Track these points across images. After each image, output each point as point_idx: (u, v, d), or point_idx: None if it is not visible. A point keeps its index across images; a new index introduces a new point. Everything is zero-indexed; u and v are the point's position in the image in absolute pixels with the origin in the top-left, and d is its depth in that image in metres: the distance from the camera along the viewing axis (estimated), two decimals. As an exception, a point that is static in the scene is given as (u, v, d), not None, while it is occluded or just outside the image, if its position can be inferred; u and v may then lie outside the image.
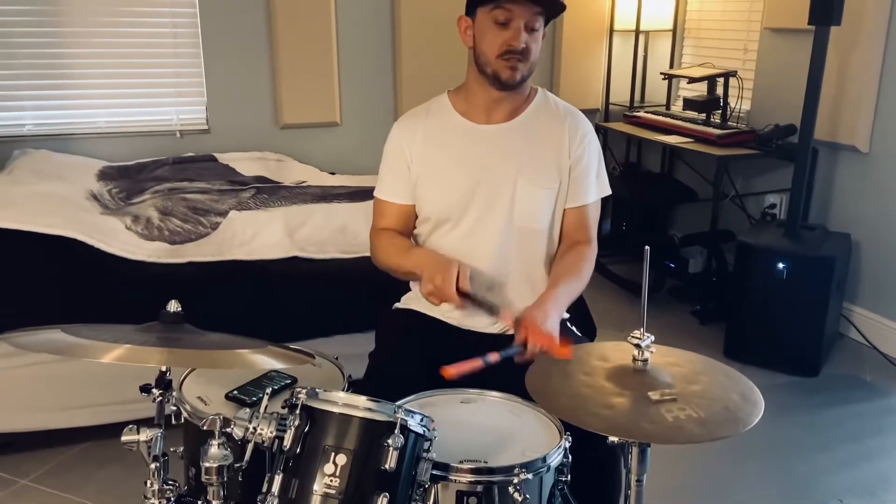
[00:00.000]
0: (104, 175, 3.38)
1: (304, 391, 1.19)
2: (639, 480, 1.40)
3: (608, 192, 1.97)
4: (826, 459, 2.66)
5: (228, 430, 1.18)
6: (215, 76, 3.90)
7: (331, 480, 1.13)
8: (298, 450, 1.17)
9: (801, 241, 3.25)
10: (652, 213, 4.62)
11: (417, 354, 1.84)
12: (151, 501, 1.22)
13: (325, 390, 1.20)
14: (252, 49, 3.92)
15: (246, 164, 3.69)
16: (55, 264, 2.42)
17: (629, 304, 3.94)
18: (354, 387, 1.77)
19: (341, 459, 1.14)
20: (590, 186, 1.91)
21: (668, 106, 4.51)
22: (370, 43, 4.12)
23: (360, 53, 4.10)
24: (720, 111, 3.96)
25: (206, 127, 3.94)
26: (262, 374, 1.78)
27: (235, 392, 1.68)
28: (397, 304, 2.02)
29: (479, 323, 1.89)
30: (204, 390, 1.72)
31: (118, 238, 2.64)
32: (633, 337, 1.35)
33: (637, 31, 4.46)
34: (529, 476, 1.36)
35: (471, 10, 1.79)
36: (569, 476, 1.49)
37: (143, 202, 3.06)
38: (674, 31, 4.44)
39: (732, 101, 3.92)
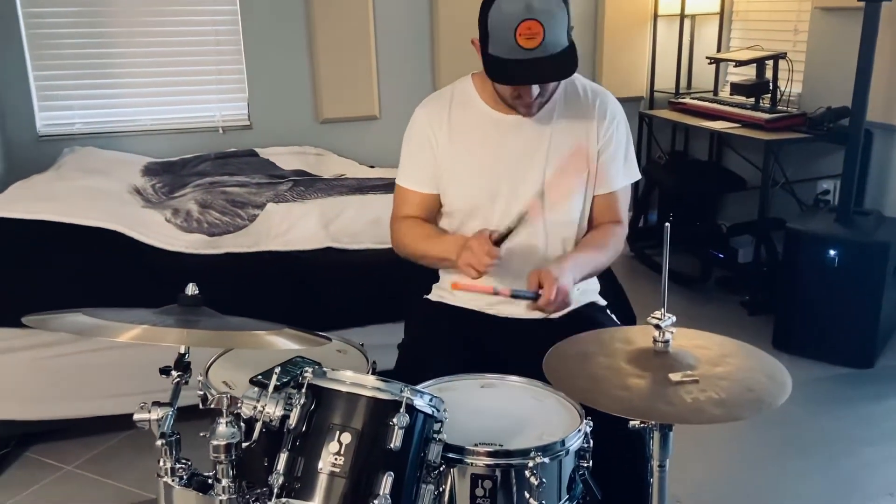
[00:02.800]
0: (148, 171, 3.46)
1: (310, 370, 1.18)
2: (661, 466, 1.35)
3: (637, 176, 1.91)
4: (878, 453, 2.55)
5: (237, 409, 1.18)
6: (256, 73, 3.95)
7: (335, 459, 1.12)
8: (304, 428, 1.16)
9: (853, 226, 3.12)
10: (699, 203, 4.49)
11: (447, 345, 1.82)
12: (164, 479, 1.23)
13: (332, 370, 1.19)
14: (292, 45, 3.96)
15: (286, 158, 3.73)
16: (95, 255, 2.48)
17: (675, 294, 3.82)
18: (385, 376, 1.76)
19: (346, 438, 1.13)
20: (618, 172, 1.86)
21: (715, 92, 4.39)
22: (408, 36, 4.11)
23: (398, 47, 4.10)
24: (769, 95, 3.83)
25: (247, 123, 3.99)
26: (287, 360, 1.78)
27: (259, 377, 1.68)
28: (427, 295, 2.00)
29: (511, 310, 1.86)
30: (230, 375, 1.74)
31: (158, 230, 2.69)
32: (652, 317, 1.30)
33: (682, 16, 4.35)
34: (546, 460, 1.33)
35: (479, 44, 1.67)
36: (590, 462, 1.46)
37: (183, 196, 3.12)
38: (721, 14, 4.32)
39: (782, 85, 3.79)
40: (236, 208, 2.99)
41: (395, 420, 1.13)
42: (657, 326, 1.29)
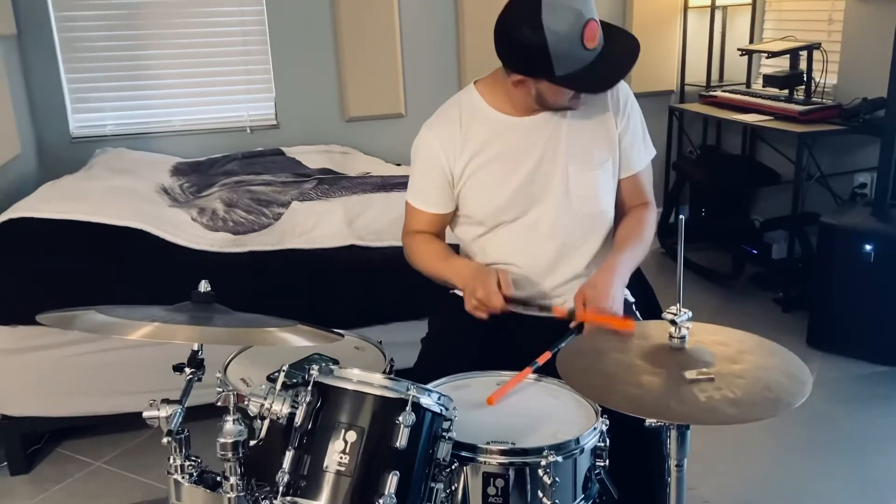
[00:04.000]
0: (177, 171, 3.50)
1: (317, 367, 1.18)
2: (679, 465, 1.32)
3: (654, 151, 1.90)
4: (916, 454, 2.48)
5: (244, 405, 1.18)
6: (283, 73, 3.97)
7: (341, 457, 1.12)
8: (310, 426, 1.15)
9: (890, 220, 3.02)
10: (732, 198, 4.40)
11: (469, 340, 1.81)
12: (174, 476, 1.23)
13: (340, 367, 1.18)
14: (318, 45, 3.97)
15: (312, 156, 3.74)
16: (121, 253, 2.51)
17: (706, 292, 3.77)
18: (405, 374, 1.76)
19: (351, 436, 1.12)
20: (639, 153, 1.84)
21: (748, 84, 4.30)
22: (433, 34, 4.10)
23: (423, 44, 4.09)
24: (804, 86, 3.74)
25: (275, 122, 4.02)
26: (305, 357, 1.78)
27: (276, 374, 1.69)
28: (453, 290, 1.99)
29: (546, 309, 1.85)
30: (248, 372, 1.74)
31: (183, 229, 2.71)
32: (668, 312, 1.27)
33: (713, 7, 4.26)
34: (559, 458, 1.31)
35: (536, 76, 1.63)
36: (607, 461, 1.43)
37: (210, 195, 3.14)
38: (753, 4, 4.22)
39: (817, 76, 3.69)
40: (261, 207, 3.00)
41: (400, 419, 1.12)
42: (673, 322, 1.26)
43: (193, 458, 1.26)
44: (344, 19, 3.93)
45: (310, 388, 1.17)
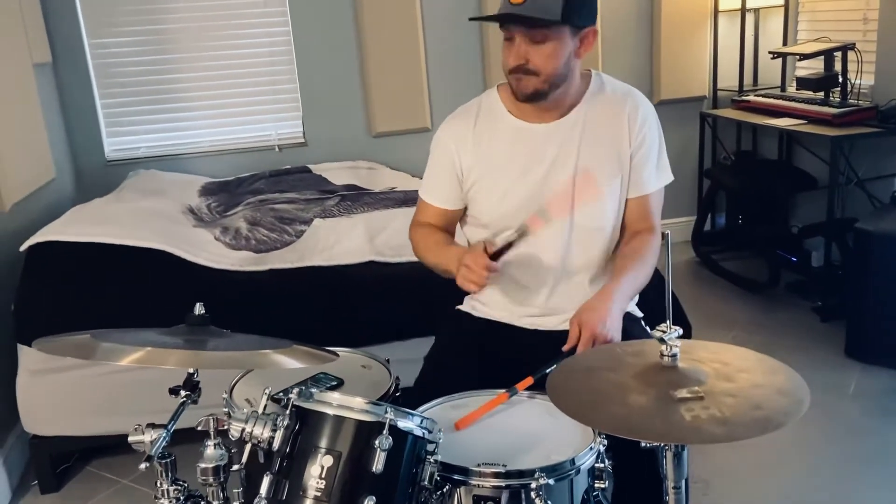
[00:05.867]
0: (205, 190, 3.56)
1: (296, 391, 1.17)
2: (676, 487, 1.27)
3: (670, 178, 1.84)
4: (959, 470, 2.36)
5: (225, 429, 1.18)
6: (310, 92, 4.01)
7: (318, 482, 1.10)
8: (288, 450, 1.15)
9: (930, 225, 2.90)
10: (769, 204, 4.29)
11: (471, 356, 1.79)
12: (161, 501, 1.24)
13: (320, 391, 1.18)
14: (343, 63, 4.01)
15: (337, 173, 3.77)
16: (143, 275, 2.56)
17: (742, 302, 3.67)
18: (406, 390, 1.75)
19: (328, 461, 1.11)
20: (650, 175, 1.79)
21: (783, 87, 4.19)
22: (458, 48, 4.10)
23: (448, 59, 4.10)
24: (839, 88, 3.62)
25: (302, 140, 4.06)
26: (310, 377, 1.78)
27: (280, 394, 1.69)
28: (459, 306, 1.98)
29: (541, 321, 1.82)
30: (253, 393, 1.75)
31: (206, 248, 2.75)
32: (657, 330, 1.24)
33: (743, 10, 4.17)
34: (551, 481, 1.28)
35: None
36: (606, 482, 1.39)
37: (235, 214, 3.19)
38: (786, 6, 4.12)
39: (852, 77, 3.57)
40: (284, 225, 3.03)
41: (377, 443, 1.11)
42: (661, 340, 1.22)
43: (180, 482, 1.27)
44: (368, 36, 3.96)
45: (288, 412, 1.16)
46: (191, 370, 1.43)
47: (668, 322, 1.23)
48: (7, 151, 2.80)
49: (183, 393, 1.40)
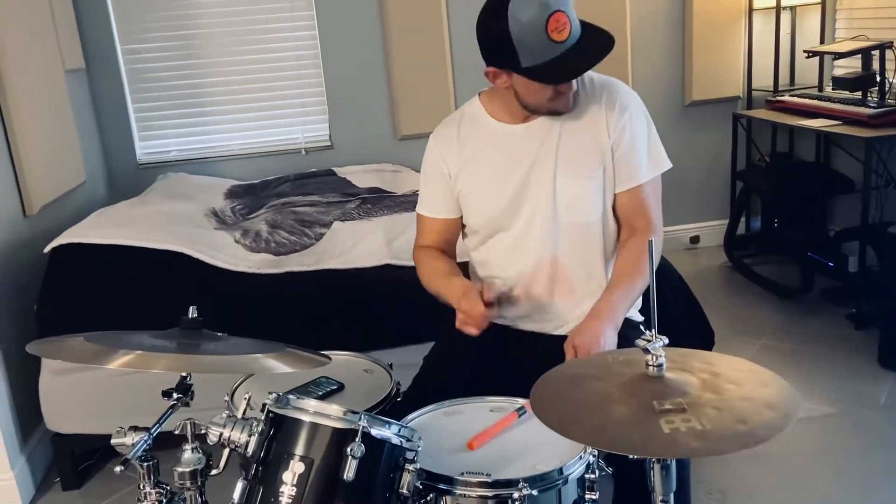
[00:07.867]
0: (231, 193, 3.60)
1: (272, 396, 1.17)
2: (664, 501, 1.24)
3: (666, 166, 1.78)
4: None
5: (203, 433, 1.18)
6: (336, 95, 4.04)
7: (290, 489, 1.10)
8: (262, 456, 1.14)
9: (968, 230, 2.79)
10: (805, 207, 4.17)
11: (469, 360, 1.78)
12: None
13: (297, 397, 1.17)
14: (369, 66, 4.02)
15: (362, 176, 3.78)
16: (163, 276, 2.59)
17: (773, 308, 3.57)
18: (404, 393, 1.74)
19: (299, 468, 1.10)
20: (640, 165, 1.73)
21: (820, 87, 4.07)
22: (484, 49, 4.07)
23: (472, 62, 4.01)
24: (877, 88, 3.50)
25: (329, 143, 4.09)
26: (311, 380, 1.78)
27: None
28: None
29: (543, 326, 1.80)
30: (255, 396, 1.76)
31: (225, 251, 2.78)
32: (641, 339, 1.20)
33: (778, 8, 4.06)
34: (534, 492, 1.25)
35: (503, 67, 1.64)
36: (597, 493, 1.36)
37: (257, 216, 3.22)
38: (822, 4, 4.00)
39: (890, 76, 3.45)
40: (304, 227, 3.05)
41: (349, 450, 1.10)
42: (645, 350, 1.18)
43: (162, 485, 1.28)
44: (394, 39, 3.96)
45: (262, 417, 1.16)
46: (184, 373, 1.44)
47: (653, 331, 1.19)
48: (35, 156, 2.87)
49: (175, 396, 1.41)
